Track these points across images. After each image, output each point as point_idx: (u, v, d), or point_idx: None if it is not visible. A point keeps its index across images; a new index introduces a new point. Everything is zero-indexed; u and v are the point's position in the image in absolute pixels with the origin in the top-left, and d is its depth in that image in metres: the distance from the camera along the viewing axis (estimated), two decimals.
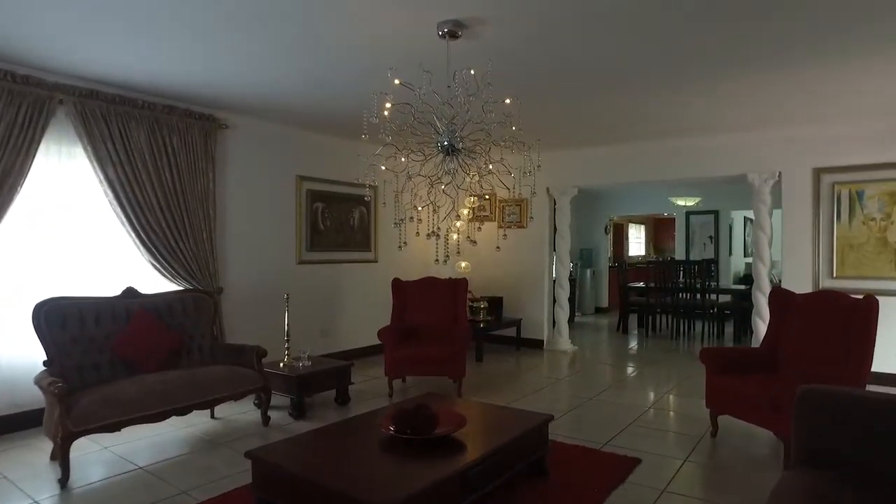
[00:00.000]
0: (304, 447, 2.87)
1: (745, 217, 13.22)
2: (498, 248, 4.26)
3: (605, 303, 12.41)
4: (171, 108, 4.95)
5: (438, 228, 3.82)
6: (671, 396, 5.35)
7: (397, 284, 5.97)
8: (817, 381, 3.49)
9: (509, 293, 8.14)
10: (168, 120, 4.94)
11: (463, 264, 7.94)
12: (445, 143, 3.43)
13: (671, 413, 4.85)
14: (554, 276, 8.01)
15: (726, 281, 10.95)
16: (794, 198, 6.20)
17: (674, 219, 15.61)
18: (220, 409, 4.60)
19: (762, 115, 5.67)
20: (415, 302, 5.91)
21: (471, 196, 7.88)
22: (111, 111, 4.51)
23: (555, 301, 7.85)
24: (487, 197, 8.32)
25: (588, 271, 12.01)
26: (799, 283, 6.14)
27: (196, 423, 4.39)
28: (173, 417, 3.77)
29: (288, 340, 4.97)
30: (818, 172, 6.07)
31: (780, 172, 6.26)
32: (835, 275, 6.01)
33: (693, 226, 11.61)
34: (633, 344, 8.48)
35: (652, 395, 5.46)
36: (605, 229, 12.43)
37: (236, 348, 4.51)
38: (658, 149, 6.96)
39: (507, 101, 3.30)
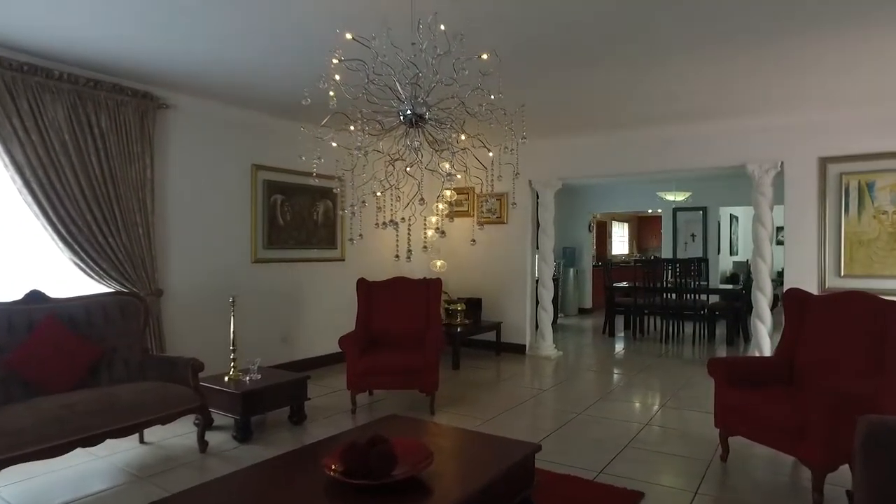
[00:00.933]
0: (221, 497, 2.23)
1: (731, 214, 12.82)
2: (473, 241, 3.66)
3: (588, 303, 11.90)
4: (97, 81, 4.26)
5: (402, 219, 3.17)
6: (669, 410, 4.80)
7: (363, 285, 5.34)
8: (850, 399, 2.96)
9: (489, 294, 7.56)
10: (94, 95, 4.26)
11: (438, 263, 7.34)
12: (408, 112, 2.80)
13: (672, 431, 4.29)
14: (536, 275, 7.44)
15: (714, 280, 10.49)
16: (797, 190, 5.70)
17: (658, 216, 15.17)
18: (152, 431, 3.94)
19: (762, 99, 5.15)
20: (383, 305, 5.29)
21: (447, 189, 7.31)
22: (18, 81, 3.82)
23: (538, 303, 7.28)
24: (466, 193, 7.76)
25: (571, 271, 11.48)
26: (802, 283, 5.62)
27: (120, 449, 3.72)
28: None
29: (234, 351, 4.32)
30: (824, 162, 5.57)
31: (782, 162, 5.76)
32: (842, 273, 5.51)
33: (679, 223, 11.14)
34: (621, 348, 7.94)
35: (647, 409, 4.91)
36: (589, 227, 11.92)
37: (170, 361, 3.84)
38: (648, 137, 6.43)
39: (485, 56, 2.69)
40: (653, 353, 7.49)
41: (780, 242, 14.64)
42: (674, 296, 8.38)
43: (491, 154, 3.19)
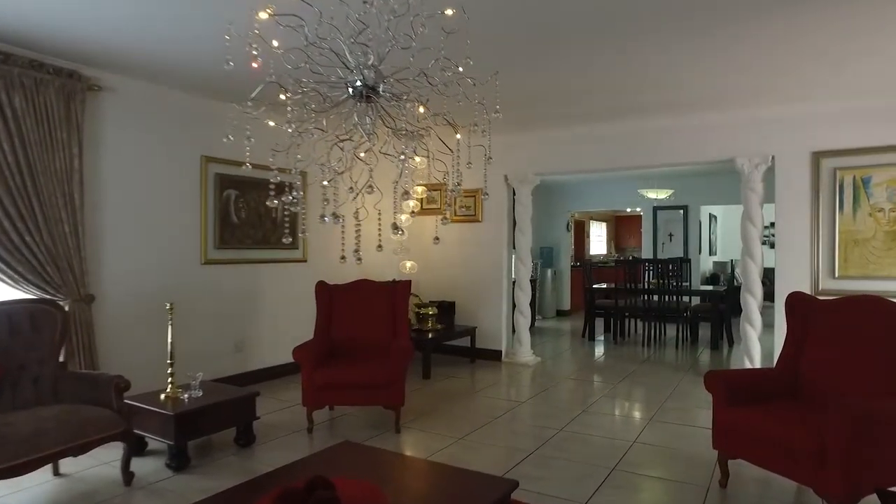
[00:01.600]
0: None
1: (710, 213, 12.56)
2: (436, 238, 3.21)
3: (567, 305, 11.54)
4: (7, 55, 3.71)
5: (356, 214, 2.71)
6: (657, 425, 4.40)
7: (323, 289, 4.85)
8: (878, 418, 2.58)
9: (463, 297, 7.11)
10: (5, 72, 3.71)
11: (408, 264, 6.87)
12: (358, 83, 2.34)
13: (662, 451, 3.88)
14: (513, 277, 7.02)
15: (696, 281, 10.19)
16: (789, 186, 5.35)
17: (637, 216, 14.90)
18: (69, 462, 3.41)
19: (753, 90, 4.80)
20: (345, 311, 4.80)
21: (418, 185, 6.83)
22: None
23: (514, 306, 6.86)
24: (438, 189, 7.29)
25: (549, 271, 11.11)
26: (794, 285, 5.28)
27: (27, 485, 3.19)
28: None
29: (172, 364, 3.80)
30: (817, 156, 5.24)
31: (773, 156, 5.41)
32: (836, 275, 5.18)
33: (659, 222, 10.83)
34: (601, 352, 7.56)
35: (633, 424, 4.50)
36: (567, 226, 11.55)
37: (90, 379, 3.32)
38: (631, 131, 6.04)
39: (449, 11, 2.24)
40: (635, 358, 7.11)
41: (763, 242, 14.50)
42: (655, 297, 8.03)
43: (459, 136, 2.71)
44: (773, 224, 5.92)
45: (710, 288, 8.55)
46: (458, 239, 7.18)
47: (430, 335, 6.29)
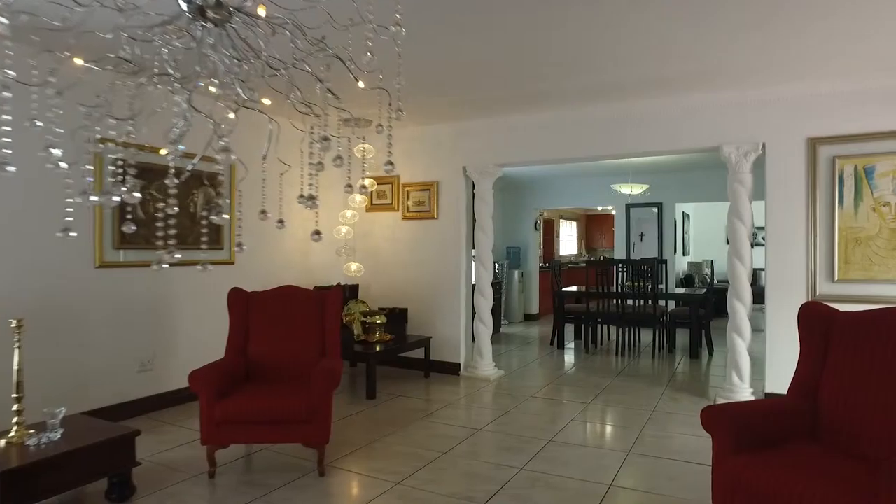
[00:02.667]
0: None
1: (682, 212, 11.99)
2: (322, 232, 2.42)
3: (535, 309, 10.85)
4: None
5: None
6: (637, 459, 3.68)
7: (238, 297, 4.02)
8: None
9: (417, 304, 6.34)
10: None
11: (353, 266, 6.07)
12: None
13: (648, 499, 3.16)
14: (473, 281, 6.27)
15: (671, 283, 9.58)
16: (781, 177, 4.71)
17: (609, 214, 14.31)
18: None
19: (742, 67, 4.14)
20: (264, 323, 3.99)
21: (366, 177, 6.02)
22: None
23: (475, 313, 6.11)
24: (389, 182, 6.53)
25: (515, 273, 10.40)
26: (787, 290, 4.65)
27: None
28: None
29: (19, 399, 2.93)
30: (814, 143, 4.59)
31: (763, 144, 4.76)
32: (836, 278, 4.54)
33: (632, 220, 10.20)
34: (571, 363, 6.86)
35: (609, 460, 3.77)
36: (535, 225, 10.86)
37: None
38: (604, 115, 5.35)
39: None
40: (608, 370, 6.42)
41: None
42: (629, 301, 7.36)
43: (361, 85, 1.96)
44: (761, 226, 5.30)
45: (688, 291, 7.92)
46: (412, 238, 6.41)
47: (377, 348, 5.50)
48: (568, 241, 15.33)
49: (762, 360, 4.91)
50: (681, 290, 8.03)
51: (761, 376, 4.90)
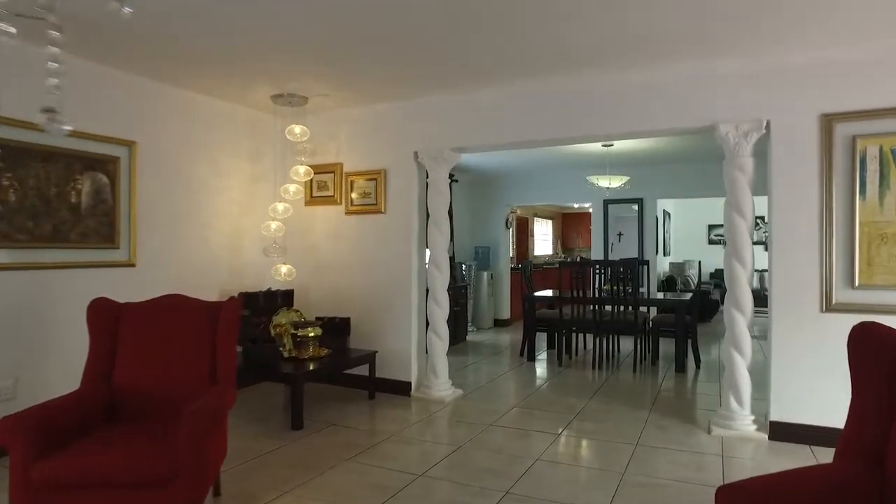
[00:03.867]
0: None
1: (663, 210, 11.23)
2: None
3: (506, 314, 10.00)
4: None
5: None
6: None
7: (101, 311, 3.09)
8: None
9: (362, 312, 5.45)
10: None
11: (283, 269, 5.16)
12: None
13: None
14: (427, 286, 5.39)
15: (653, 286, 8.80)
16: (789, 161, 3.90)
17: (586, 213, 13.55)
18: None
19: (742, 29, 3.32)
20: (136, 345, 3.06)
21: (301, 165, 5.11)
22: None
23: (428, 323, 5.23)
24: (331, 171, 5.64)
25: (485, 275, 9.55)
26: (797, 297, 3.87)
27: None
28: None
29: None
30: (829, 120, 3.80)
31: (767, 121, 3.95)
32: (857, 283, 3.75)
33: (610, 218, 9.39)
34: (542, 379, 6.01)
35: None
36: (506, 223, 10.02)
37: None
38: (578, 89, 4.51)
39: None
40: (584, 387, 5.59)
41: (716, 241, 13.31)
42: (608, 307, 6.54)
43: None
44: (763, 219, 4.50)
45: (673, 296, 7.12)
46: (356, 236, 5.51)
47: (310, 366, 4.59)
48: (543, 241, 14.54)
49: (760, 377, 4.11)
50: (664, 295, 7.24)
51: (761, 395, 4.10)
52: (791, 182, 3.88)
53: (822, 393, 3.76)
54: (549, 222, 14.86)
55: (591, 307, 6.58)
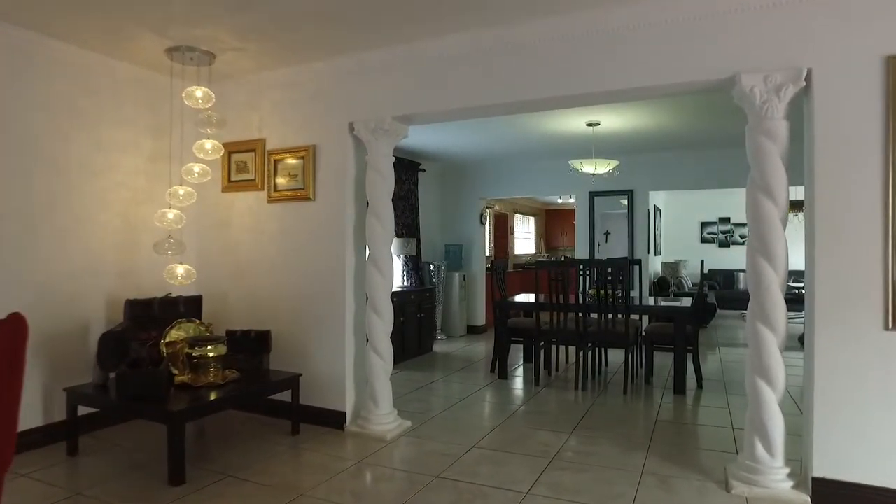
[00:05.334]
0: None
1: (653, 205, 10.23)
2: None
3: (480, 320, 8.95)
4: None
5: None
6: None
7: None
8: None
9: (287, 323, 4.37)
10: None
11: (179, 270, 4.06)
12: None
13: None
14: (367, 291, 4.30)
15: (645, 289, 7.77)
16: (839, 125, 2.86)
17: (571, 210, 12.55)
18: None
19: None
20: None
21: (208, 140, 4.02)
22: None
23: (368, 339, 4.15)
24: (252, 149, 4.57)
25: (456, 277, 8.48)
26: (849, 309, 2.82)
27: None
28: None
29: None
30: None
31: (808, 70, 2.91)
32: None
33: (597, 213, 8.35)
34: (514, 405, 4.96)
35: None
36: (481, 218, 8.96)
37: None
38: (551, 36, 3.45)
39: None
40: (564, 415, 4.55)
41: (722, 243, 12.25)
42: (595, 315, 5.50)
43: None
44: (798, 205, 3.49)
45: (670, 302, 6.08)
46: (281, 229, 4.43)
47: (209, 395, 3.51)
48: (524, 240, 13.50)
49: (790, 412, 3.09)
50: (660, 302, 6.22)
51: (796, 437, 3.07)
52: (842, 154, 2.85)
53: (886, 440, 2.73)
54: (532, 219, 13.82)
55: (576, 315, 5.53)
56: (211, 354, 3.72)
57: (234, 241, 4.61)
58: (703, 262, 5.51)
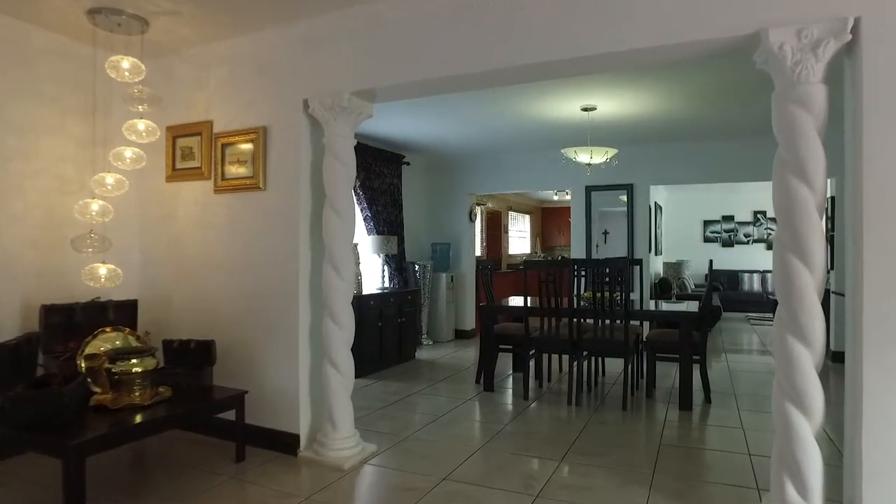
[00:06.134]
0: None
1: (654, 202, 9.65)
2: None
3: (470, 324, 8.37)
4: None
5: None
6: None
7: None
8: None
9: (235, 332, 3.80)
10: None
11: (102, 271, 3.48)
12: None
13: None
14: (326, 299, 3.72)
15: (646, 291, 7.19)
16: (892, 92, 2.29)
17: (568, 207, 11.97)
18: None
19: None
20: None
21: (141, 120, 3.43)
22: None
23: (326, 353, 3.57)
24: (198, 132, 4.00)
25: (443, 277, 7.91)
26: None
27: None
28: None
29: None
30: None
31: (856, 20, 2.33)
32: None
33: (593, 210, 7.76)
34: (500, 422, 4.38)
35: None
36: (470, 215, 8.38)
37: None
38: None
39: None
40: (555, 436, 3.98)
41: (725, 242, 11.70)
42: (596, 323, 4.92)
43: None
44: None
45: (674, 307, 5.49)
46: (229, 223, 3.86)
47: (135, 418, 2.93)
48: (519, 239, 12.92)
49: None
50: (662, 305, 5.64)
51: (835, 471, 2.50)
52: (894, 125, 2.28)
53: None
54: (528, 217, 13.25)
55: (571, 320, 4.95)
56: (136, 370, 3.14)
57: (180, 238, 4.04)
58: (711, 261, 4.92)
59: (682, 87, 4.76)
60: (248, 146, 3.74)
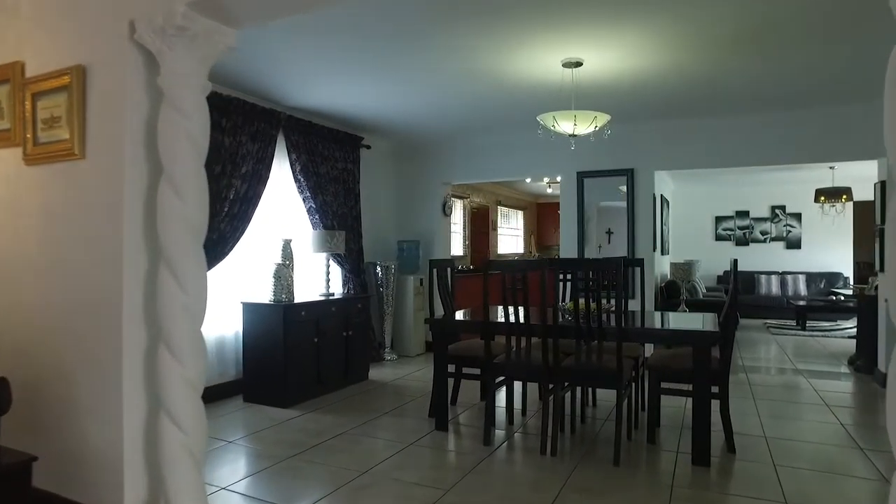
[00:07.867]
0: None
1: (660, 195, 8.41)
2: None
3: None
4: None
5: None
6: None
7: None
8: None
9: (39, 366, 2.63)
10: None
11: None
12: None
13: None
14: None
15: (649, 297, 5.96)
16: None
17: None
18: None
19: None
20: None
21: None
22: None
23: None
24: (6, 79, 2.82)
25: (411, 280, 6.75)
26: None
27: None
28: None
29: None
30: None
31: None
32: None
33: (587, 200, 6.54)
34: (445, 481, 3.19)
35: None
36: (444, 209, 7.21)
37: None
38: None
39: None
40: None
41: (740, 240, 10.49)
42: (581, 341, 3.72)
43: None
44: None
45: (689, 322, 4.25)
46: (42, 207, 2.71)
47: None
48: (511, 237, 11.73)
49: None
50: (670, 321, 4.44)
51: None
52: None
53: None
54: (520, 213, 12.05)
55: (542, 340, 3.75)
56: None
57: None
58: (735, 261, 3.69)
59: (694, 32, 3.57)
60: (61, 95, 2.58)
